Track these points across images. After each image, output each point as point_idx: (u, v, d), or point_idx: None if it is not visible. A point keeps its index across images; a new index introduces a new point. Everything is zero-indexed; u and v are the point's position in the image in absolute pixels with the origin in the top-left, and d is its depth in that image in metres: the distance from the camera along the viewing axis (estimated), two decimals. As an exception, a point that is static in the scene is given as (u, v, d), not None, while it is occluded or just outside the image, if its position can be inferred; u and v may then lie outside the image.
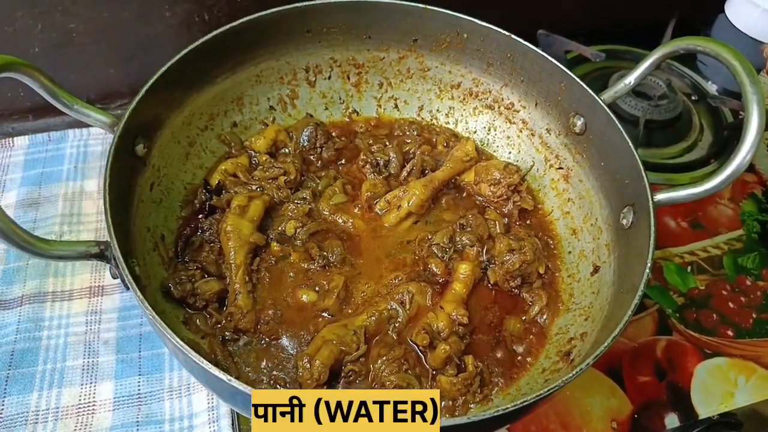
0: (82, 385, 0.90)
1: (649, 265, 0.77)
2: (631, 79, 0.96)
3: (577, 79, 0.98)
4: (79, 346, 0.93)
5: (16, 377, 0.90)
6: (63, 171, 1.16)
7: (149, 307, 0.66)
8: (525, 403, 0.64)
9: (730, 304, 1.10)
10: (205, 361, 0.63)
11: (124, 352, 0.94)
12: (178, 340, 0.63)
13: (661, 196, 0.84)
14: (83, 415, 0.87)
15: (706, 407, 0.97)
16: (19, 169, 1.16)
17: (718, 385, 1.00)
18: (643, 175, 0.85)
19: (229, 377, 0.62)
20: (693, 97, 1.47)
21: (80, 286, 1.00)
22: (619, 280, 0.87)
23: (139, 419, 0.87)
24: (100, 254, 0.73)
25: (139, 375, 0.91)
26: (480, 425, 0.65)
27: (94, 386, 0.90)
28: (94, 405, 0.88)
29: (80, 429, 0.86)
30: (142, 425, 0.86)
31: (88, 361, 0.92)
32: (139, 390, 0.90)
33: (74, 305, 0.98)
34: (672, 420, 0.96)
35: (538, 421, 0.94)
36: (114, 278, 0.75)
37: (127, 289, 0.71)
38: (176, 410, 0.88)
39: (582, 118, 1.01)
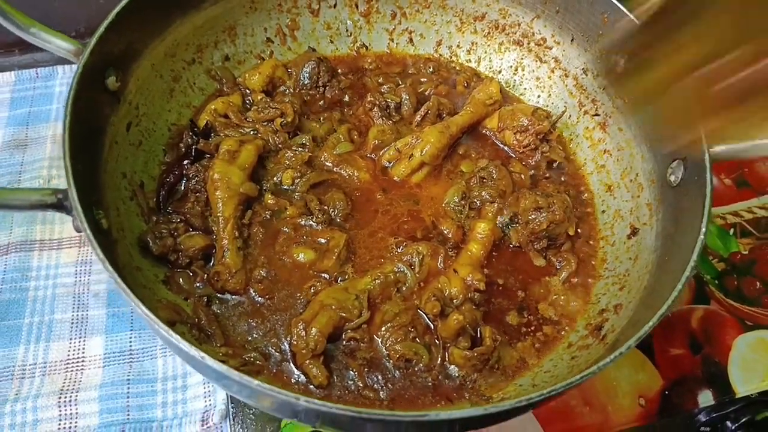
0: (71, 339, 0.89)
1: (703, 230, 0.71)
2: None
3: (624, 10, 0.90)
4: (68, 298, 0.92)
5: (2, 330, 0.88)
6: (52, 110, 1.12)
7: (110, 268, 0.59)
8: (553, 393, 0.59)
9: (776, 272, 1.04)
10: (175, 335, 0.54)
11: (115, 305, 0.91)
12: (139, 302, 0.55)
13: (719, 149, 0.77)
14: (72, 370, 0.86)
15: (745, 384, 0.92)
16: (5, 108, 1.12)
17: (759, 361, 0.95)
18: (699, 123, 0.77)
19: (202, 354, 0.52)
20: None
21: (69, 234, 0.98)
22: (663, 246, 0.81)
23: (130, 376, 0.85)
24: (58, 204, 0.66)
25: (131, 330, 0.90)
26: (498, 416, 0.60)
27: (84, 341, 0.88)
28: (83, 360, 0.87)
29: (69, 385, 0.84)
30: (134, 383, 0.85)
31: (78, 315, 0.91)
32: (131, 346, 0.88)
33: (63, 254, 0.96)
34: (706, 397, 0.91)
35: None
36: (78, 232, 0.67)
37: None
38: (170, 368, 0.87)
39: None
